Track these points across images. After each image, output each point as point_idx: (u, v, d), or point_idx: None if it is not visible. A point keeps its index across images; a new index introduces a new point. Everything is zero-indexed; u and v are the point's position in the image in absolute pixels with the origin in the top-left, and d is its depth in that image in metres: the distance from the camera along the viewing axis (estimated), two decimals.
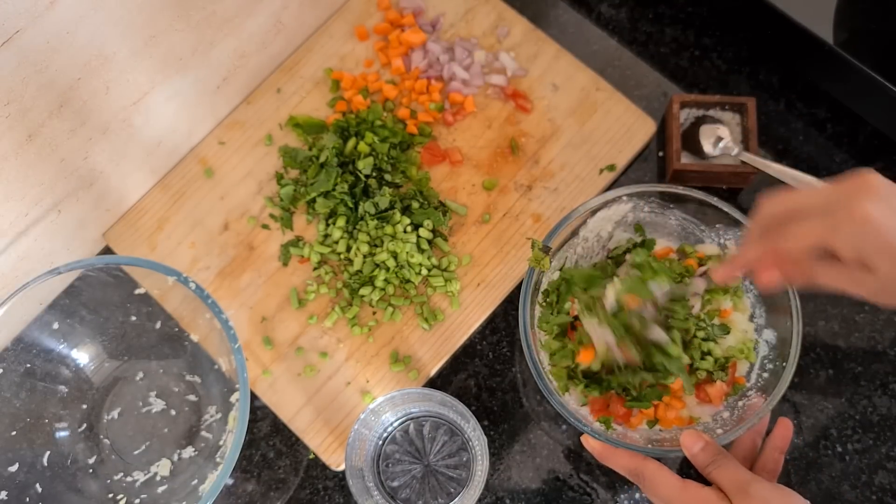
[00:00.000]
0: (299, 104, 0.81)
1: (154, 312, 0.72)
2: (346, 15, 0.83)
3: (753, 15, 0.76)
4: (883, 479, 0.70)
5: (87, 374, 0.72)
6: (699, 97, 0.76)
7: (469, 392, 0.74)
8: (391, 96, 0.80)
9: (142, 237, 0.78)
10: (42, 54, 0.59)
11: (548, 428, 0.72)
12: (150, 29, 0.66)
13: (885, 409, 0.71)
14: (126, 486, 0.69)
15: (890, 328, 0.73)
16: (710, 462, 0.57)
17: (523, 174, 0.78)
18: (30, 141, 0.63)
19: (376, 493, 0.65)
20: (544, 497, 0.71)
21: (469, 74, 0.80)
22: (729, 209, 0.65)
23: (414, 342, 0.74)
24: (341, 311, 0.74)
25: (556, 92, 0.80)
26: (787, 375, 0.61)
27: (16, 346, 0.68)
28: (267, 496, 0.72)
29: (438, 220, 0.75)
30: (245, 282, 0.76)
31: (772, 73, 0.81)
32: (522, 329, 0.64)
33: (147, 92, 0.70)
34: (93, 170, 0.71)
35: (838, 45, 0.72)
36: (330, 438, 0.72)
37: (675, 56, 0.82)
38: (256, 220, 0.78)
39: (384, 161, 0.77)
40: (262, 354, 0.74)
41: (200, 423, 0.72)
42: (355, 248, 0.74)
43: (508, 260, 0.75)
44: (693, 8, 0.83)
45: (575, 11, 0.84)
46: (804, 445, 0.71)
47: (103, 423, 0.72)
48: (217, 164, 0.79)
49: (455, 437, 0.67)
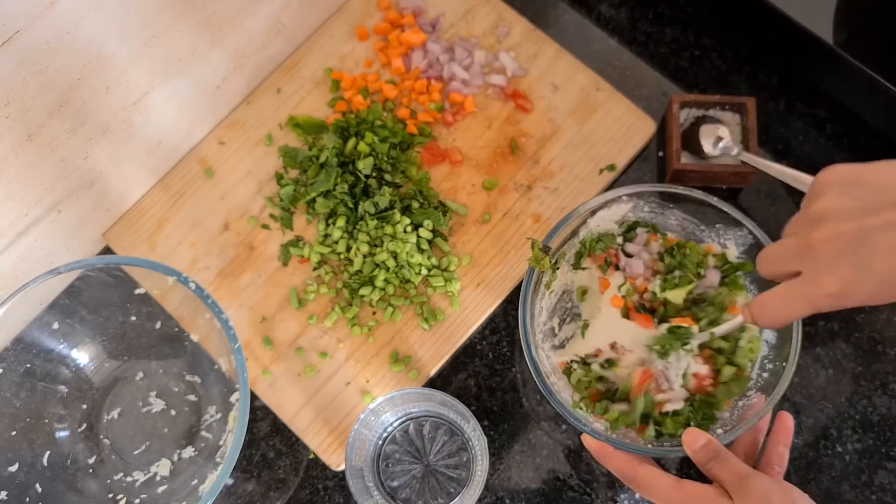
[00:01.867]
0: (299, 104, 0.81)
1: (154, 312, 0.72)
2: (346, 15, 0.83)
3: (753, 15, 0.76)
4: (883, 479, 0.70)
5: (87, 374, 0.72)
6: (699, 97, 0.76)
7: (469, 392, 0.74)
8: (391, 96, 0.80)
9: (142, 237, 0.78)
10: (42, 54, 0.59)
11: (548, 428, 0.72)
12: (150, 29, 0.66)
13: (885, 409, 0.71)
14: (126, 486, 0.69)
15: (890, 328, 0.73)
16: (711, 459, 0.57)
17: (523, 174, 0.78)
18: (30, 141, 0.63)
19: (376, 493, 0.65)
20: (544, 497, 0.71)
21: (469, 74, 0.80)
22: (729, 209, 0.65)
23: (414, 342, 0.74)
24: (341, 311, 0.74)
25: (556, 92, 0.80)
26: (787, 375, 0.61)
27: (16, 346, 0.68)
28: (267, 496, 0.72)
29: (438, 220, 0.75)
30: (245, 282, 0.76)
31: (772, 73, 0.81)
32: (522, 329, 0.64)
33: (147, 92, 0.70)
34: (93, 170, 0.71)
35: (838, 45, 0.72)
36: (330, 438, 0.72)
37: (675, 56, 0.82)
38: (256, 220, 0.78)
39: (384, 161, 0.77)
40: (262, 354, 0.74)
41: (200, 423, 0.72)
42: (355, 248, 0.74)
43: (508, 260, 0.75)
44: (693, 8, 0.83)
45: (575, 11, 0.84)
46: (804, 445, 0.71)
47: (103, 423, 0.72)
48: (217, 164, 0.80)
49: (455, 437, 0.67)
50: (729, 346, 0.65)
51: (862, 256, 0.44)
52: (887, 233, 0.44)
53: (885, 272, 0.44)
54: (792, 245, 0.49)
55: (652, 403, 0.64)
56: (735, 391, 0.64)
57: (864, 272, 0.45)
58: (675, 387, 0.64)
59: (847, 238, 0.45)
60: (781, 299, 0.49)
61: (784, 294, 0.49)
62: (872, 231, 0.44)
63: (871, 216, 0.45)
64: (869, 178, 0.46)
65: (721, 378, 0.64)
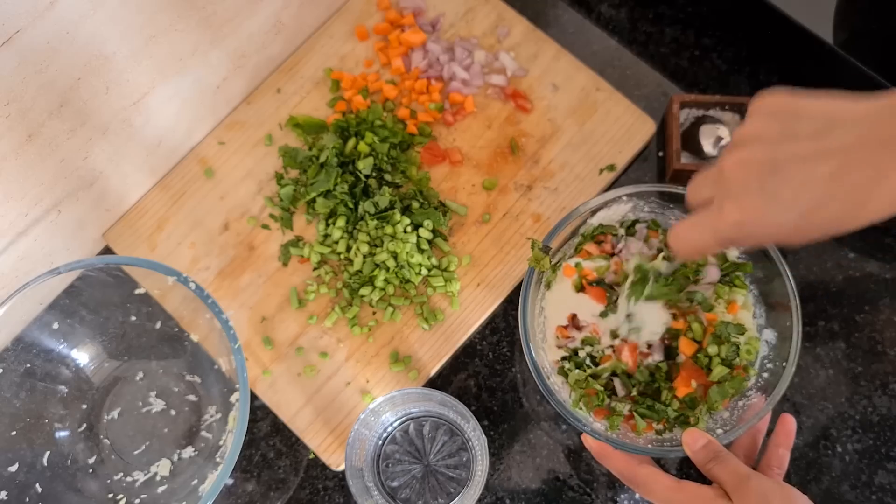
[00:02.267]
0: (299, 104, 0.81)
1: (154, 312, 0.72)
2: (346, 15, 0.83)
3: (753, 15, 0.76)
4: (883, 479, 0.70)
5: (87, 374, 0.72)
6: (699, 97, 0.76)
7: (469, 392, 0.74)
8: (391, 96, 0.80)
9: (142, 237, 0.78)
10: (42, 54, 0.59)
11: (548, 428, 0.72)
12: (150, 29, 0.66)
13: (885, 409, 0.71)
14: (126, 486, 0.69)
15: (890, 328, 0.73)
16: (711, 459, 0.57)
17: (523, 174, 0.78)
18: (30, 141, 0.63)
19: (376, 493, 0.65)
20: (544, 497, 0.71)
21: (469, 74, 0.80)
22: None
23: (414, 342, 0.74)
24: (341, 311, 0.74)
25: (556, 92, 0.80)
26: (787, 375, 0.61)
27: (16, 346, 0.68)
28: (267, 496, 0.72)
29: (438, 220, 0.75)
30: (245, 282, 0.76)
31: (772, 73, 0.81)
32: (522, 329, 0.64)
33: (147, 92, 0.70)
34: (93, 170, 0.71)
35: (838, 45, 0.72)
36: (330, 438, 0.72)
37: (675, 56, 0.82)
38: (256, 220, 0.78)
39: (384, 161, 0.77)
40: (262, 354, 0.74)
41: (200, 423, 0.72)
42: (355, 248, 0.74)
43: (508, 260, 0.75)
44: (693, 8, 0.83)
45: (575, 11, 0.84)
46: (804, 445, 0.71)
47: (103, 423, 0.72)
48: (217, 164, 0.80)
49: (455, 437, 0.67)
50: (727, 348, 0.65)
51: (769, 186, 0.42)
52: (803, 164, 0.41)
53: (793, 203, 0.42)
54: (711, 173, 0.47)
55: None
56: (729, 391, 0.63)
57: (769, 203, 0.42)
58: (654, 341, 0.65)
59: (757, 165, 0.43)
60: (690, 228, 0.48)
61: (693, 223, 0.47)
62: (787, 160, 0.42)
63: (788, 143, 0.42)
64: (802, 106, 0.43)
65: (712, 377, 0.64)
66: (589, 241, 0.70)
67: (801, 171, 0.41)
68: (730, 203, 0.44)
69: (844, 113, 0.42)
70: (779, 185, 0.42)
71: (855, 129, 0.41)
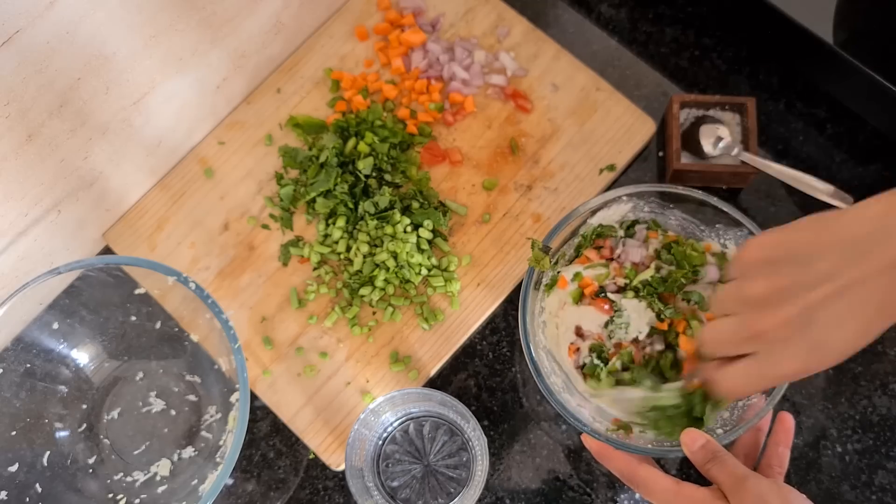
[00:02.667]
0: (299, 104, 0.81)
1: (154, 312, 0.72)
2: (346, 15, 0.83)
3: (753, 15, 0.76)
4: (883, 479, 0.70)
5: (87, 374, 0.72)
6: (699, 97, 0.76)
7: (469, 392, 0.74)
8: (391, 96, 0.80)
9: (142, 237, 0.78)
10: (42, 54, 0.59)
11: (548, 428, 0.72)
12: (150, 29, 0.66)
13: (885, 409, 0.71)
14: (126, 486, 0.69)
15: (890, 328, 0.73)
16: (710, 459, 0.57)
17: (523, 174, 0.78)
18: (30, 141, 0.63)
19: (376, 493, 0.65)
20: (544, 497, 0.71)
21: (469, 74, 0.80)
22: (729, 209, 0.65)
23: (414, 342, 0.74)
24: (341, 311, 0.74)
25: (556, 92, 0.80)
26: None
27: (16, 346, 0.68)
28: (267, 496, 0.72)
29: (438, 220, 0.75)
30: (245, 282, 0.76)
31: (772, 73, 0.81)
32: (522, 329, 0.64)
33: (147, 92, 0.70)
34: (93, 170, 0.71)
35: (838, 45, 0.72)
36: (330, 438, 0.72)
37: (675, 56, 0.82)
38: (256, 220, 0.78)
39: (384, 161, 0.77)
40: (262, 354, 0.74)
41: (200, 423, 0.72)
42: (355, 248, 0.74)
43: (508, 260, 0.75)
44: (693, 8, 0.83)
45: (575, 11, 0.84)
46: (804, 445, 0.71)
47: (103, 423, 0.72)
48: (217, 164, 0.80)
49: (455, 437, 0.67)
50: None
51: (813, 336, 0.46)
52: (828, 308, 0.45)
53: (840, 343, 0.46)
54: (741, 331, 0.49)
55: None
56: None
57: (820, 349, 0.46)
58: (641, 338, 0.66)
59: (795, 322, 0.46)
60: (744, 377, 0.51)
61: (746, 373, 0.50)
62: (815, 310, 0.45)
63: (808, 293, 0.45)
64: (793, 249, 0.47)
65: None
66: (588, 247, 0.70)
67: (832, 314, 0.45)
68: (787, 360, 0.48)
69: (838, 237, 0.45)
70: (821, 332, 0.46)
71: (857, 253, 0.44)
